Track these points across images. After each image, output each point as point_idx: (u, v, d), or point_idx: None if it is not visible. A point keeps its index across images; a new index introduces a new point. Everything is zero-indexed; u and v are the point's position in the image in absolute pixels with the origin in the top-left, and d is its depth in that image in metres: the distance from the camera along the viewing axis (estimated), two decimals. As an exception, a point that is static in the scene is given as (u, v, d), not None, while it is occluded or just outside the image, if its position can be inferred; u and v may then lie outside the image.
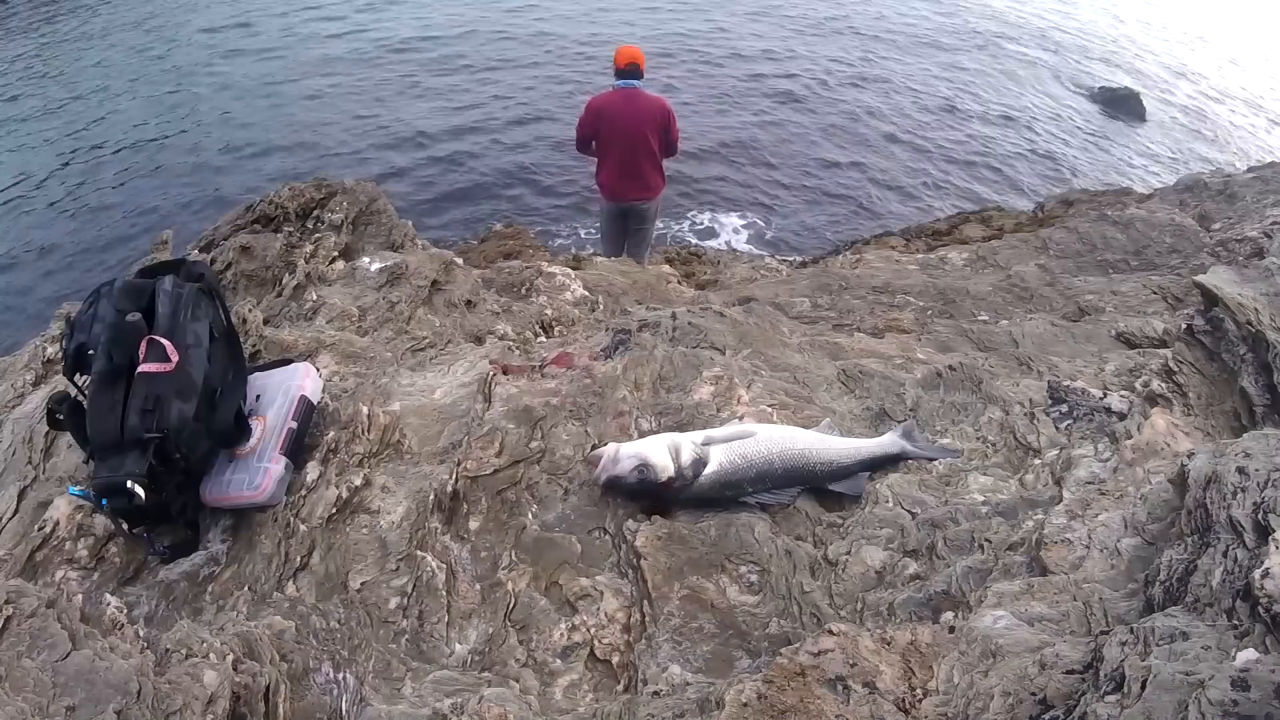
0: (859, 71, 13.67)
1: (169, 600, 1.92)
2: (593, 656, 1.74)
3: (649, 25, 14.80)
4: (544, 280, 3.97)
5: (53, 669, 1.35)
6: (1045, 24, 17.50)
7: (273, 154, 10.55)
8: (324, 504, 2.01)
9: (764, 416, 2.29)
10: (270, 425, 2.13)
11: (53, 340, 2.83)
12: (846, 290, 4.12)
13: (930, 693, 1.35)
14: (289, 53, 13.53)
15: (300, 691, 1.58)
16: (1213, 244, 4.18)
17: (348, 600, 1.81)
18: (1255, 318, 2.12)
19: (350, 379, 2.59)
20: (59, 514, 2.03)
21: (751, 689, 1.36)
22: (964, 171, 11.02)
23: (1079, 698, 1.20)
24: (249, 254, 3.39)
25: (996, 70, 14.51)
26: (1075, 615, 1.44)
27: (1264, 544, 1.24)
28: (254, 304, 2.98)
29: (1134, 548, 1.58)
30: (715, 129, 11.31)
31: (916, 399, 2.43)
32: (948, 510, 1.95)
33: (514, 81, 12.49)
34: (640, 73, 5.43)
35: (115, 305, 1.96)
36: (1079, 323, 3.36)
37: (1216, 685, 1.05)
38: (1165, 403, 2.13)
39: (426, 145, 10.74)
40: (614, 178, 5.64)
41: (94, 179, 10.12)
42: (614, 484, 1.98)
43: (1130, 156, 12.31)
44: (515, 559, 1.94)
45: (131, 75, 12.82)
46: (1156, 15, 19.43)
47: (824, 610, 1.75)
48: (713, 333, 2.78)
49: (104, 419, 1.83)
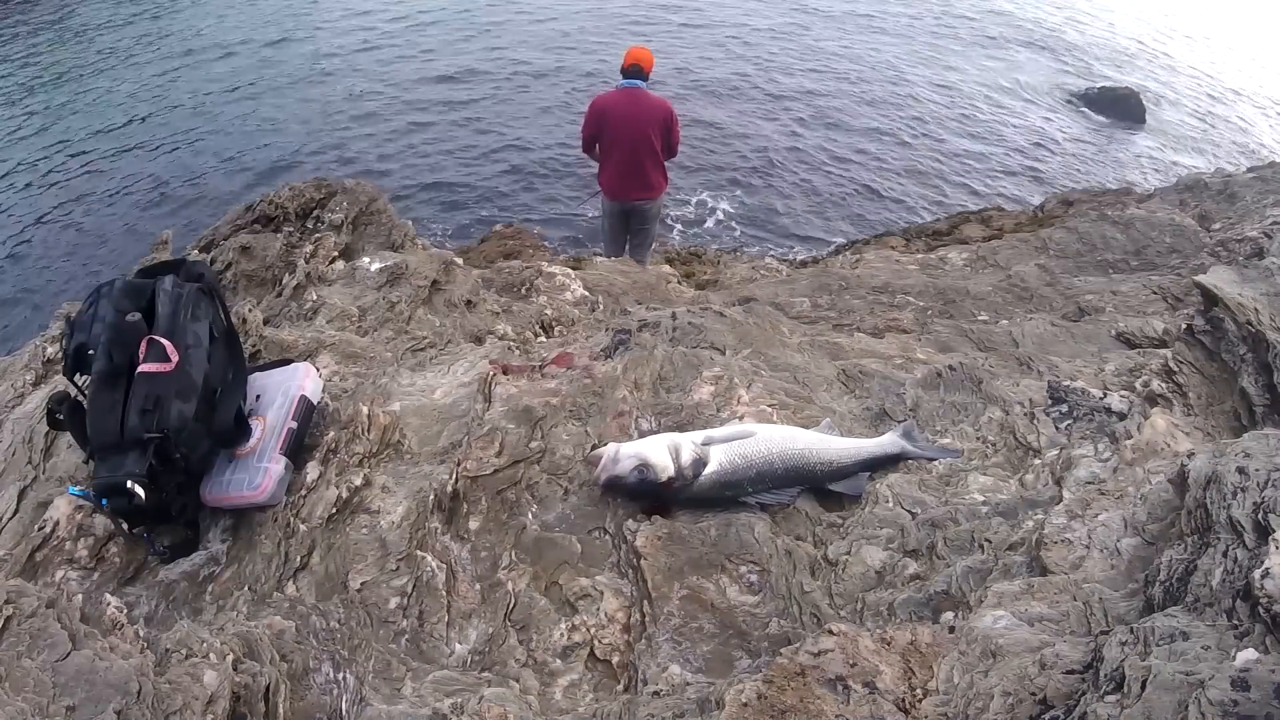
0: (858, 71, 13.67)
1: (169, 600, 1.92)
2: (593, 656, 1.74)
3: (649, 25, 14.80)
4: (544, 280, 3.97)
5: (53, 669, 1.35)
6: (1045, 24, 17.50)
7: (273, 154, 10.55)
8: (324, 504, 2.01)
9: (764, 416, 2.29)
10: (270, 425, 2.13)
11: (53, 340, 2.83)
12: (846, 290, 4.12)
13: (930, 693, 1.35)
14: (289, 53, 13.53)
15: (300, 691, 1.58)
16: (1213, 244, 4.18)
17: (348, 600, 1.81)
18: (1255, 318, 2.12)
19: (350, 379, 2.59)
20: (59, 514, 2.03)
21: (751, 689, 1.36)
22: (964, 171, 11.02)
23: (1079, 698, 1.20)
24: (249, 254, 3.40)
25: (996, 69, 14.51)
26: (1075, 615, 1.44)
27: (1264, 544, 1.24)
28: (254, 304, 2.98)
29: (1134, 548, 1.58)
30: (715, 129, 11.30)
31: (916, 399, 2.43)
32: (948, 510, 1.95)
33: (515, 81, 12.49)
34: (644, 73, 5.43)
35: (115, 305, 1.96)
36: (1079, 323, 3.36)
37: (1216, 685, 1.05)
38: (1165, 403, 2.13)
39: (427, 145, 10.74)
40: (616, 177, 5.64)
41: (94, 179, 10.12)
42: (614, 484, 1.98)
43: (1130, 156, 12.31)
44: (515, 559, 1.94)
45: (132, 75, 12.83)
46: (1157, 15, 19.43)
47: (824, 610, 1.75)
48: (713, 333, 2.78)
49: (104, 419, 1.83)
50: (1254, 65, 17.18)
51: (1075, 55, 15.91)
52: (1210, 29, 19.32)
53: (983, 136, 12.03)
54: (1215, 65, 16.77)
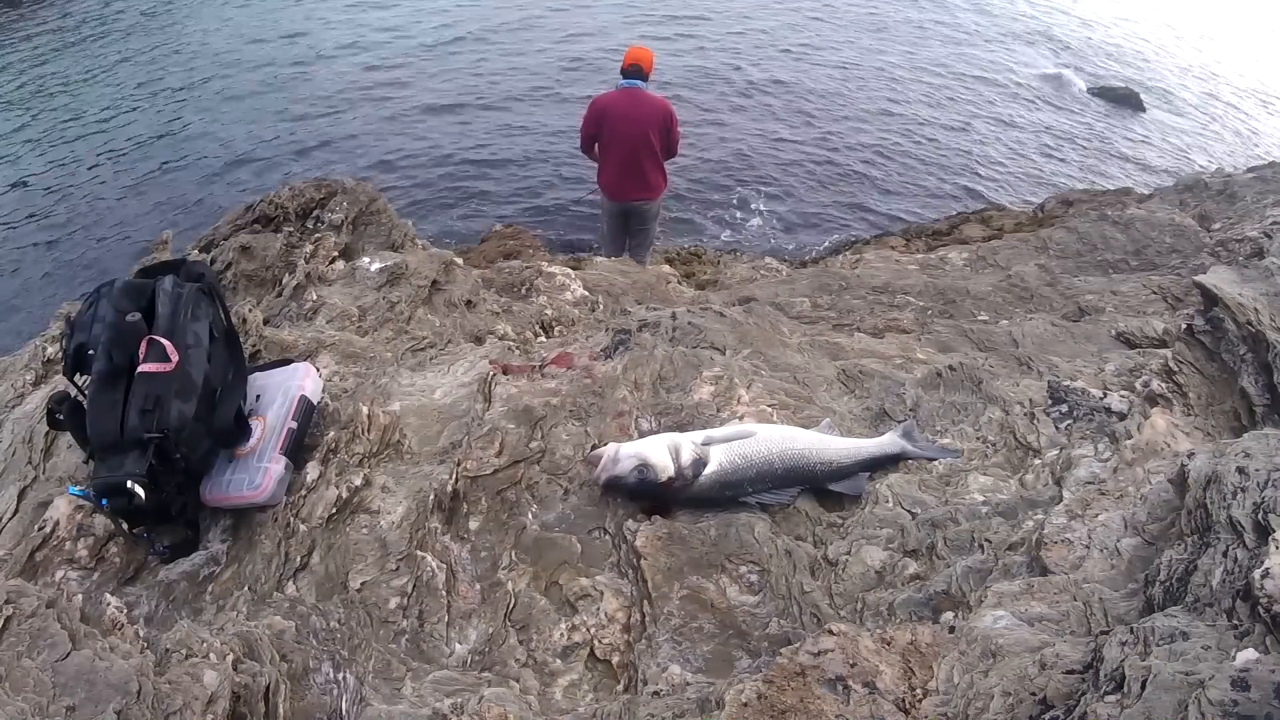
0: (856, 69, 13.66)
1: (169, 600, 1.92)
2: (593, 656, 1.74)
3: (651, 22, 14.80)
4: (544, 280, 3.97)
5: (53, 669, 1.35)
6: (1045, 23, 17.49)
7: (272, 154, 10.54)
8: (324, 504, 2.01)
9: (764, 416, 2.29)
10: (270, 425, 2.13)
11: (53, 340, 2.83)
12: (846, 290, 4.12)
13: (930, 693, 1.35)
14: (289, 53, 13.53)
15: (300, 691, 1.58)
16: (1213, 244, 4.18)
17: (348, 600, 1.81)
18: (1255, 318, 2.12)
19: (350, 379, 2.60)
20: (59, 514, 2.03)
21: (751, 689, 1.36)
22: (964, 171, 11.01)
23: (1079, 698, 1.20)
24: (249, 254, 3.40)
25: (996, 69, 14.50)
26: (1075, 615, 1.44)
27: (1264, 544, 1.24)
28: (254, 304, 2.98)
29: (1134, 548, 1.58)
30: (715, 127, 11.30)
31: (916, 399, 2.43)
32: (948, 510, 1.95)
33: (515, 80, 12.48)
34: (644, 74, 5.43)
35: (115, 305, 1.96)
36: (1079, 323, 3.36)
37: (1216, 685, 1.05)
38: (1165, 403, 2.13)
39: (427, 145, 10.73)
40: (615, 177, 5.65)
41: (94, 179, 10.11)
42: (614, 484, 1.98)
43: (1130, 156, 12.29)
44: (515, 559, 1.94)
45: (132, 76, 12.83)
46: (1157, 14, 19.42)
47: (824, 610, 1.75)
48: (713, 333, 2.78)
49: (104, 419, 1.83)
50: (1254, 65, 17.17)
51: (1075, 54, 15.90)
52: (1211, 28, 19.32)
53: (982, 136, 12.02)
54: (1216, 64, 16.76)
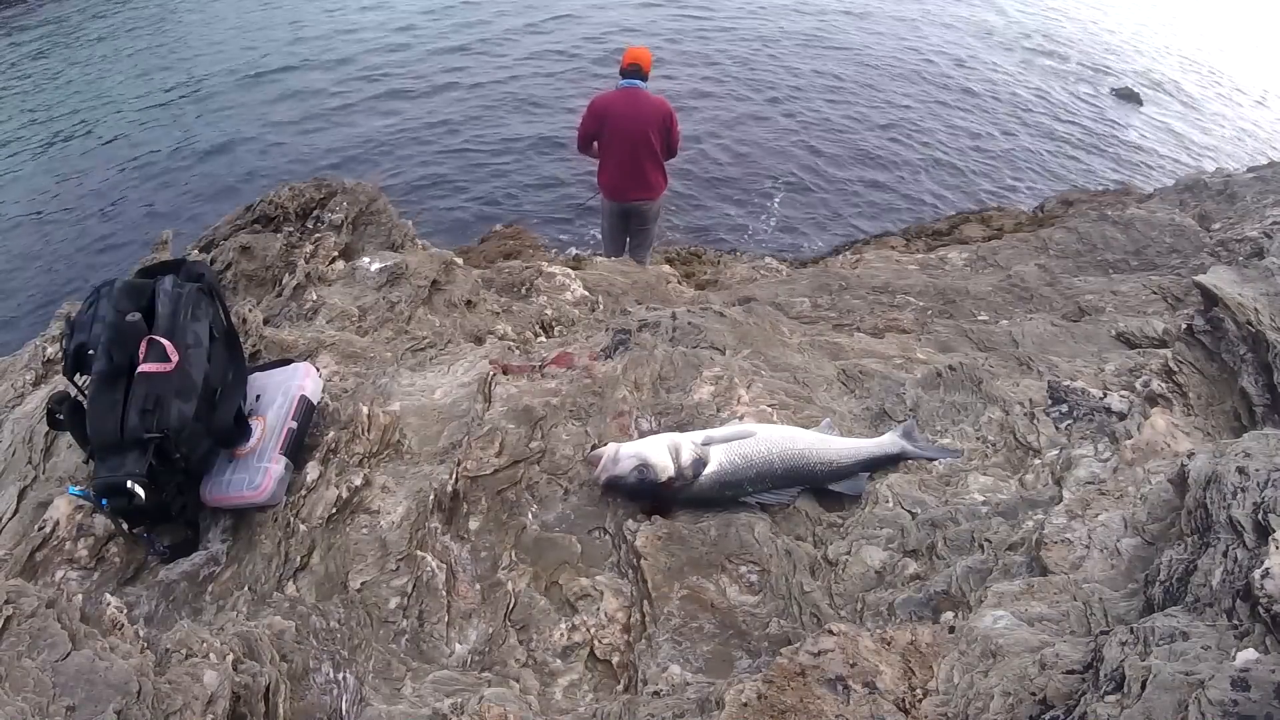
0: (855, 70, 13.66)
1: (169, 600, 1.92)
2: (593, 656, 1.74)
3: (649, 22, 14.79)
4: (544, 280, 3.97)
5: (53, 669, 1.35)
6: (1045, 23, 17.49)
7: (272, 154, 10.54)
8: (324, 504, 2.01)
9: (764, 416, 2.29)
10: (270, 425, 2.13)
11: (53, 340, 2.83)
12: (846, 290, 4.12)
13: (930, 693, 1.35)
14: (288, 53, 13.53)
15: (300, 691, 1.58)
16: (1213, 244, 4.18)
17: (348, 600, 1.81)
18: (1255, 318, 2.12)
19: (350, 379, 2.59)
20: (59, 514, 2.03)
21: (751, 689, 1.36)
22: (964, 171, 11.00)
23: (1079, 698, 1.20)
24: (249, 254, 3.40)
25: (996, 69, 14.50)
26: (1075, 615, 1.44)
27: (1264, 544, 1.24)
28: (254, 304, 2.98)
29: (1134, 548, 1.58)
30: (715, 127, 11.30)
31: (916, 399, 2.43)
32: (948, 510, 1.95)
33: (516, 80, 12.48)
34: (643, 74, 5.43)
35: (115, 305, 1.96)
36: (1079, 323, 3.36)
37: (1216, 685, 1.05)
38: (1165, 403, 2.13)
39: (427, 145, 10.72)
40: (615, 177, 5.64)
41: (94, 179, 10.11)
42: (614, 484, 1.99)
43: (1130, 156, 12.29)
44: (515, 559, 1.94)
45: (133, 76, 12.83)
46: (1158, 14, 19.42)
47: (824, 610, 1.75)
48: (713, 333, 2.78)
49: (104, 419, 1.83)
50: (1255, 64, 17.17)
51: (1075, 54, 15.88)
52: (1211, 27, 19.32)
53: (982, 136, 12.02)
54: (1216, 64, 16.75)
